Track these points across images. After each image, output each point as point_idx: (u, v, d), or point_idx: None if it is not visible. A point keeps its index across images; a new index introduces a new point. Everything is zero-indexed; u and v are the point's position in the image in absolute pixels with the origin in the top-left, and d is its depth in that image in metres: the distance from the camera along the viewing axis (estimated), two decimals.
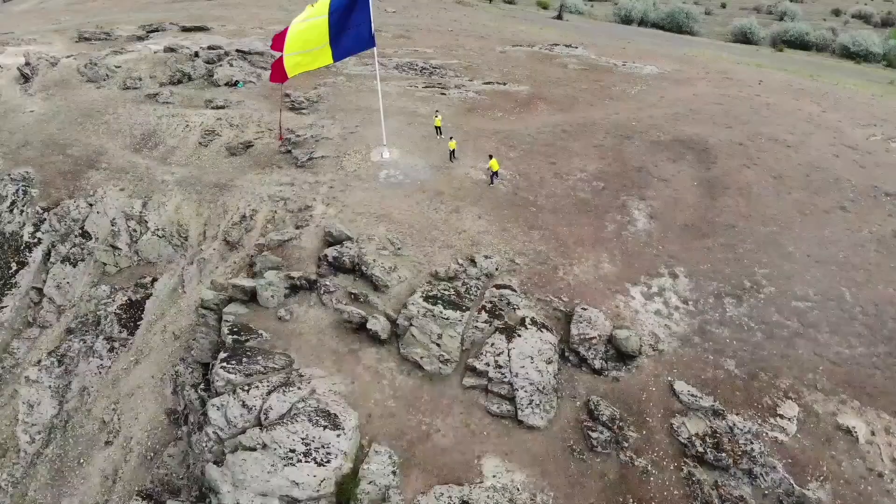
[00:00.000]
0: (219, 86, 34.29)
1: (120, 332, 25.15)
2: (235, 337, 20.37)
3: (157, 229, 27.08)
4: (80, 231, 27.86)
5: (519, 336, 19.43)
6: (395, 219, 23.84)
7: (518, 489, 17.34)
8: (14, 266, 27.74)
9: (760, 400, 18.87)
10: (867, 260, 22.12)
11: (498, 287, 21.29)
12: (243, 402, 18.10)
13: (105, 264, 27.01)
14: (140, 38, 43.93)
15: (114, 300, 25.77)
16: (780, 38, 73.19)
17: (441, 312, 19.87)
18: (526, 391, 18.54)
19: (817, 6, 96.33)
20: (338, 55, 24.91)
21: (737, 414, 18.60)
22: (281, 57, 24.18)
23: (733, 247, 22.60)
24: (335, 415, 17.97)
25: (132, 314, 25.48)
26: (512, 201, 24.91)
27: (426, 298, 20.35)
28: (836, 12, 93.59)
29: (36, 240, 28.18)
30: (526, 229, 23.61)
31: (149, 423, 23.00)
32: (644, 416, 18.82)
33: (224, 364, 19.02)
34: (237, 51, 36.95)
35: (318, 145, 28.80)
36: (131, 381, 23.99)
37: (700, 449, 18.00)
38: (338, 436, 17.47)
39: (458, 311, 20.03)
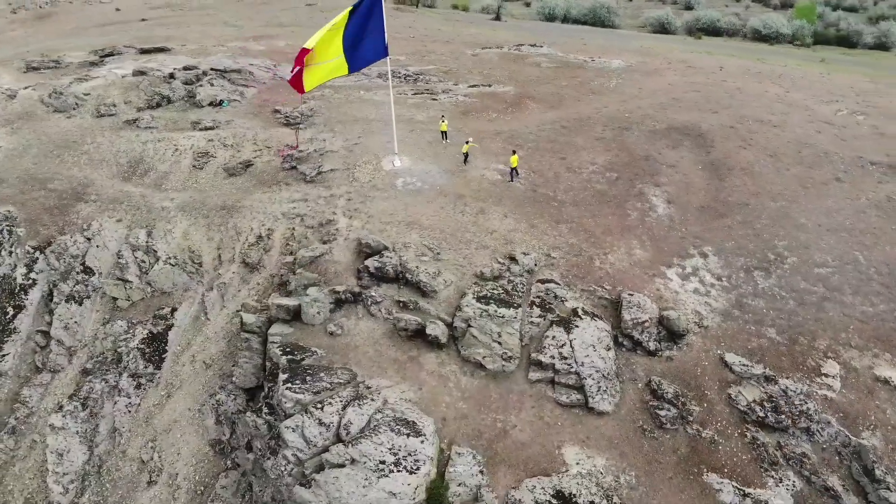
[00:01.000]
0: (202, 106, 33.31)
1: (145, 367, 24.09)
2: (290, 357, 19.97)
3: (169, 258, 26.08)
4: (82, 267, 26.52)
5: (577, 327, 19.94)
6: (425, 225, 23.93)
7: (602, 473, 17.82)
8: (10, 311, 26.10)
9: (804, 362, 20.09)
10: (871, 225, 23.89)
11: (542, 282, 21.76)
12: (319, 420, 17.80)
13: (116, 299, 25.79)
14: (94, 64, 42.01)
15: (133, 335, 24.64)
16: (694, 27, 77.03)
17: (496, 311, 20.15)
18: (593, 378, 19.06)
19: None
20: (354, 66, 24.81)
21: (787, 378, 19.73)
22: (300, 70, 23.90)
23: (751, 223, 23.91)
24: (413, 422, 17.95)
25: (155, 347, 24.44)
26: (533, 198, 25.46)
27: (478, 299, 20.58)
28: None
29: (31, 281, 26.62)
30: (553, 224, 24.20)
31: (192, 456, 22.18)
32: (702, 390, 19.69)
33: (289, 385, 18.63)
34: (213, 70, 35.97)
35: (324, 159, 28.50)
36: (166, 416, 23.05)
37: (760, 413, 18.99)
38: (421, 442, 17.47)
39: (511, 309, 20.35)
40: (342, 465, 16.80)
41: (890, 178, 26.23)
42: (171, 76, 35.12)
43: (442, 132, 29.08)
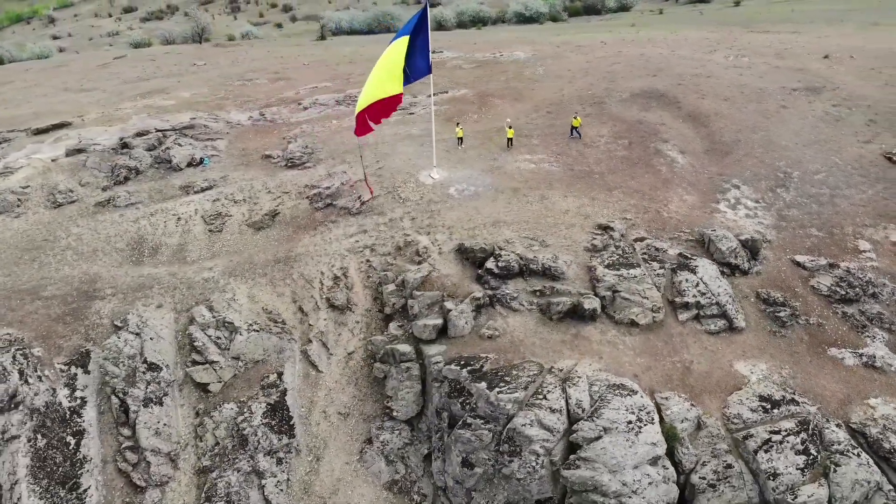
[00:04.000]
0: (180, 169, 30.75)
1: (279, 439, 22.56)
2: (469, 368, 20.51)
3: (250, 325, 24.41)
4: (146, 366, 23.83)
5: (697, 266, 22.99)
6: (508, 221, 25.36)
7: (769, 374, 21.06)
8: (71, 440, 22.73)
9: (846, 246, 25.20)
10: (827, 135, 30.09)
11: (637, 240, 24.46)
12: (550, 408, 18.80)
13: (206, 384, 23.57)
14: None
15: (252, 412, 22.85)
16: (462, 19, 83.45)
17: (628, 273, 22.47)
18: (731, 305, 22.27)
19: None
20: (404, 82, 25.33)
21: (842, 261, 24.63)
22: (363, 112, 24.15)
23: (751, 154, 28.82)
24: (622, 384, 19.70)
25: (280, 417, 22.92)
26: (575, 176, 28.01)
27: (608, 267, 22.73)
28: None
29: (78, 401, 23.39)
30: (607, 192, 27.00)
31: None
32: (793, 289, 23.85)
33: (498, 392, 19.27)
34: (173, 129, 33.19)
35: (358, 190, 28.27)
36: (326, 479, 22.00)
37: (840, 293, 23.59)
38: (641, 397, 19.32)
39: (636, 269, 22.81)
40: (598, 438, 18.08)
41: (814, 96, 33.00)
42: (125, 145, 31.77)
43: (458, 138, 30.36)
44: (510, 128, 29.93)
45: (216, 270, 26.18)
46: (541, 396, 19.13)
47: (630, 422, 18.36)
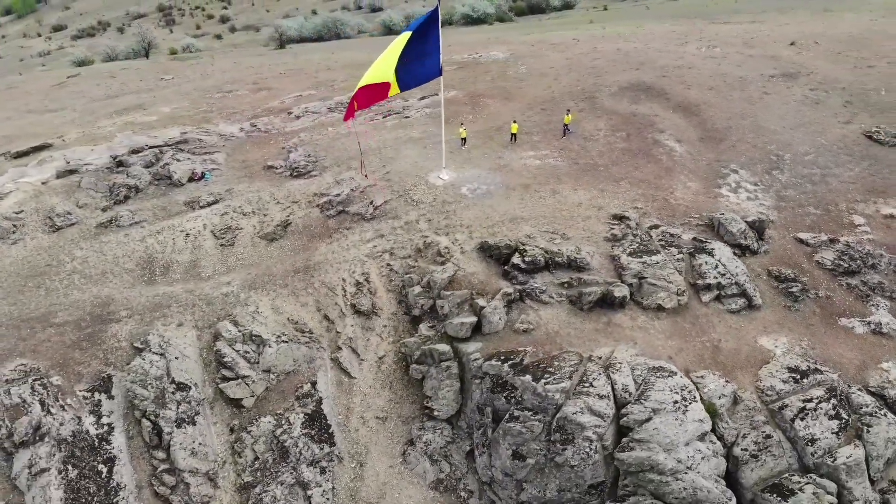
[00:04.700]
0: (182, 185, 30.18)
1: (321, 448, 22.50)
2: (510, 363, 20.94)
3: (278, 337, 24.24)
4: (174, 385, 23.44)
5: (714, 249, 23.99)
6: (525, 216, 25.89)
7: (791, 346, 22.17)
8: (103, 468, 22.20)
9: (842, 221, 26.66)
10: (810, 117, 31.68)
11: (652, 228, 25.33)
12: (598, 394, 19.39)
13: (239, 399, 23.31)
14: None
15: (291, 424, 22.72)
16: (411, 22, 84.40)
17: (651, 260, 23.29)
18: (749, 283, 23.32)
19: None
20: (404, 85, 25.52)
21: (841, 236, 26.04)
22: (353, 97, 24.49)
23: (743, 139, 30.13)
24: (661, 366, 20.46)
25: (318, 426, 22.85)
26: (581, 169, 28.77)
27: (630, 255, 23.50)
28: None
29: (106, 427, 22.85)
30: (615, 183, 27.83)
31: None
32: (799, 265, 25.12)
33: (545, 383, 19.75)
34: (163, 145, 32.51)
35: (369, 195, 28.35)
36: (372, 484, 22.09)
37: (843, 265, 24.96)
38: (681, 377, 20.11)
39: (657, 255, 23.66)
40: (649, 419, 18.77)
41: (792, 82, 34.67)
42: (120, 163, 31.00)
43: (462, 139, 30.76)
44: (514, 122, 30.57)
45: (234, 284, 25.88)
46: (587, 384, 19.69)
47: (676, 401, 19.10)
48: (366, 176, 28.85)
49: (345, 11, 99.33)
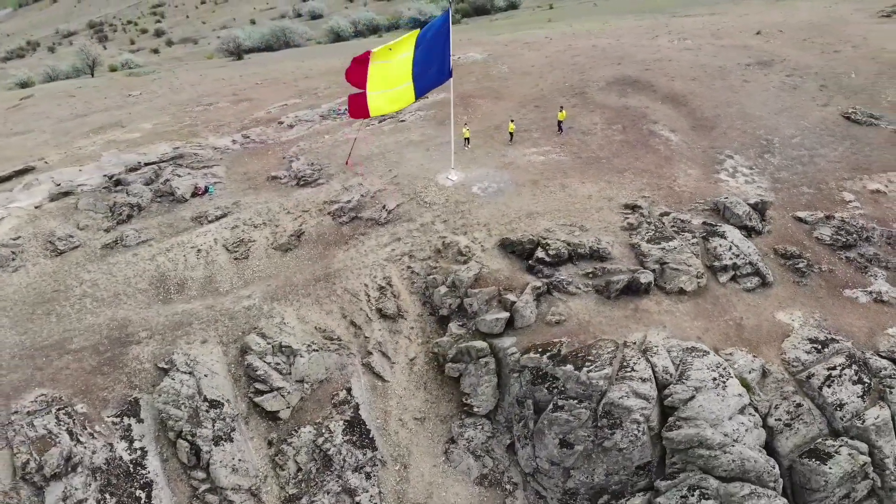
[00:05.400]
0: (185, 200, 29.61)
1: (364, 454, 22.58)
2: (548, 354, 21.49)
3: (308, 346, 24.16)
4: (207, 403, 23.13)
5: (725, 231, 25.07)
6: (540, 211, 26.49)
7: (805, 318, 23.42)
8: (141, 494, 21.77)
9: (834, 199, 28.21)
10: (790, 103, 33.33)
11: (663, 215, 26.29)
12: (640, 378, 20.11)
13: (276, 412, 23.13)
14: None
15: (331, 432, 22.69)
16: (358, 28, 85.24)
17: (669, 246, 24.21)
18: (760, 262, 24.49)
19: None
20: (419, 91, 25.75)
21: (836, 213, 27.56)
22: (362, 94, 24.44)
23: (733, 126, 31.50)
24: (693, 347, 21.35)
25: (359, 432, 22.90)
26: (586, 163, 29.57)
27: (649, 242, 24.36)
28: None
29: (139, 452, 22.43)
30: (619, 175, 28.73)
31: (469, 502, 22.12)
32: (801, 242, 26.49)
33: (588, 371, 20.36)
34: (159, 162, 31.84)
35: (380, 200, 28.45)
36: (418, 485, 22.30)
37: (841, 240, 26.43)
38: (712, 355, 21.04)
39: (673, 241, 24.60)
40: (692, 398, 19.58)
41: (767, 69, 36.37)
42: (118, 182, 30.22)
43: (465, 139, 31.18)
44: (511, 121, 31.17)
45: (256, 297, 25.65)
46: (628, 369, 20.38)
47: (714, 378, 19.99)
48: (347, 164, 29.64)
49: (285, 20, 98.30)
